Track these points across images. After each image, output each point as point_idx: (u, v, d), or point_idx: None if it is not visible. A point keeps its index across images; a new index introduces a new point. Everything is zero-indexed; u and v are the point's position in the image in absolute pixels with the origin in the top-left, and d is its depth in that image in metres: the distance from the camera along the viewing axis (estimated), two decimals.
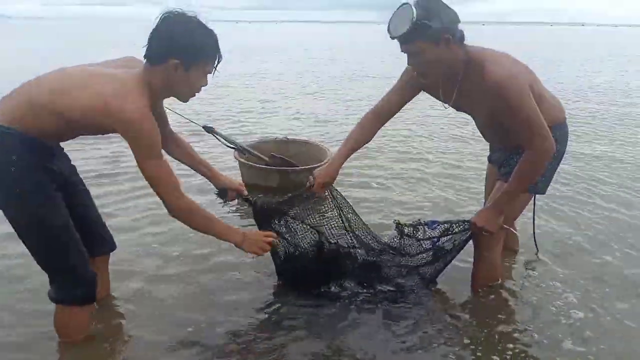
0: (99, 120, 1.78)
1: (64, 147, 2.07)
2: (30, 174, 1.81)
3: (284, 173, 3.91)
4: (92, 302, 2.09)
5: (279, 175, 3.88)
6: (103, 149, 5.02)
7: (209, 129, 2.73)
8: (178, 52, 1.80)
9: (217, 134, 2.76)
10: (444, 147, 5.72)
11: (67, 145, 2.05)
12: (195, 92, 1.95)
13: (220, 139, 2.77)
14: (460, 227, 2.38)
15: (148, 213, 3.51)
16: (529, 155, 2.13)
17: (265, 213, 2.40)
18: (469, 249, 2.55)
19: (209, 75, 1.95)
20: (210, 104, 7.92)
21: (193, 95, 1.97)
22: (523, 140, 2.13)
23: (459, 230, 2.39)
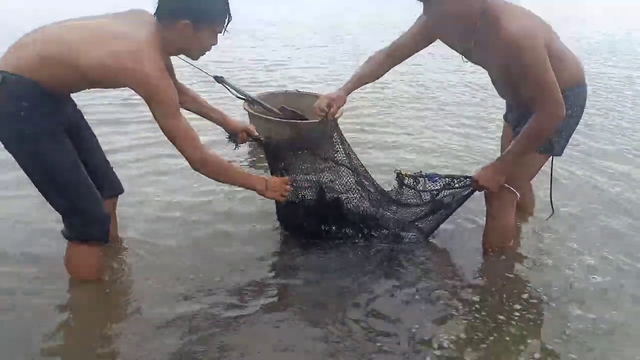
0: (113, 79, 1.81)
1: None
2: (39, 119, 1.84)
3: (295, 125, 3.82)
4: (104, 241, 2.13)
5: (289, 128, 3.80)
6: (109, 95, 4.96)
7: (219, 79, 2.62)
8: (188, 13, 1.81)
9: (228, 84, 2.66)
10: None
11: None
12: (206, 50, 1.97)
13: (231, 90, 2.67)
14: (462, 182, 2.37)
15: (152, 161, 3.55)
16: (539, 117, 2.09)
17: (278, 152, 2.43)
18: (484, 208, 2.52)
19: (219, 35, 1.95)
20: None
21: (203, 54, 1.99)
22: (534, 101, 2.08)
23: (459, 185, 2.38)
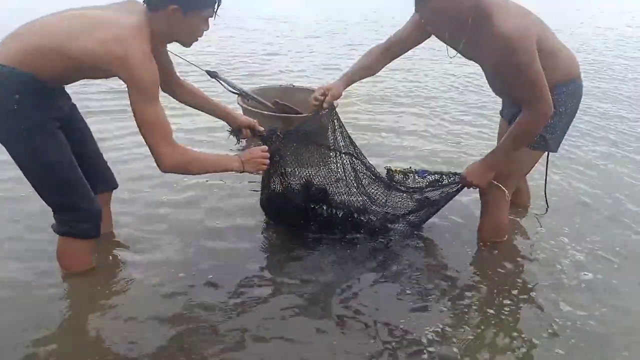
0: (102, 66, 1.78)
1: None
2: (32, 112, 1.83)
3: (287, 119, 3.82)
4: (95, 236, 2.13)
5: (282, 122, 3.79)
6: (103, 85, 4.91)
7: (212, 74, 2.61)
8: None
9: (221, 78, 2.65)
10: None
11: None
12: (197, 36, 1.94)
13: (224, 84, 2.66)
14: (451, 179, 2.42)
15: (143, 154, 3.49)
16: (527, 115, 2.12)
17: (277, 148, 2.45)
18: (478, 202, 2.55)
19: (210, 20, 1.92)
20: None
21: (195, 40, 1.96)
22: (523, 100, 2.11)
23: (448, 182, 2.42)
